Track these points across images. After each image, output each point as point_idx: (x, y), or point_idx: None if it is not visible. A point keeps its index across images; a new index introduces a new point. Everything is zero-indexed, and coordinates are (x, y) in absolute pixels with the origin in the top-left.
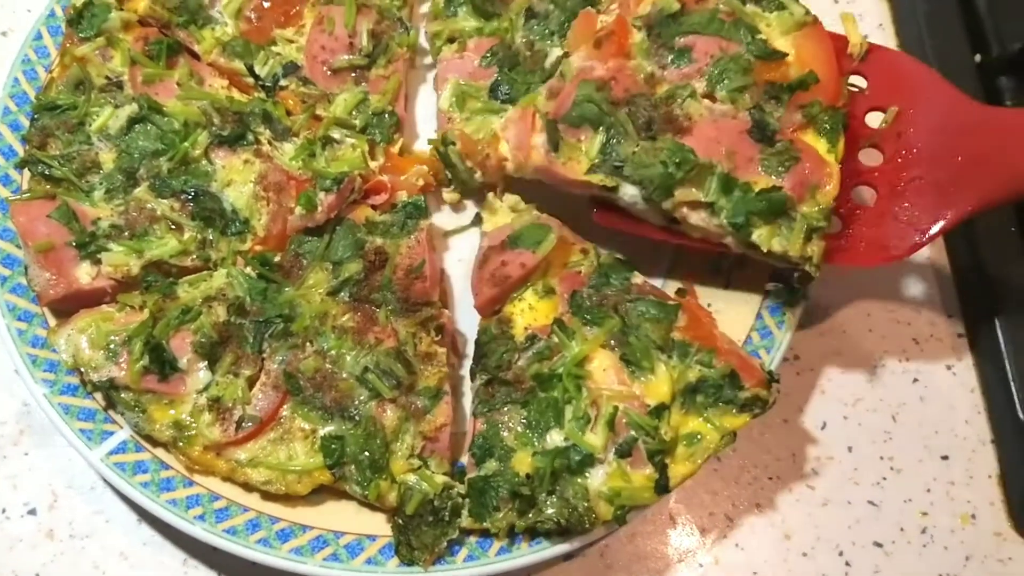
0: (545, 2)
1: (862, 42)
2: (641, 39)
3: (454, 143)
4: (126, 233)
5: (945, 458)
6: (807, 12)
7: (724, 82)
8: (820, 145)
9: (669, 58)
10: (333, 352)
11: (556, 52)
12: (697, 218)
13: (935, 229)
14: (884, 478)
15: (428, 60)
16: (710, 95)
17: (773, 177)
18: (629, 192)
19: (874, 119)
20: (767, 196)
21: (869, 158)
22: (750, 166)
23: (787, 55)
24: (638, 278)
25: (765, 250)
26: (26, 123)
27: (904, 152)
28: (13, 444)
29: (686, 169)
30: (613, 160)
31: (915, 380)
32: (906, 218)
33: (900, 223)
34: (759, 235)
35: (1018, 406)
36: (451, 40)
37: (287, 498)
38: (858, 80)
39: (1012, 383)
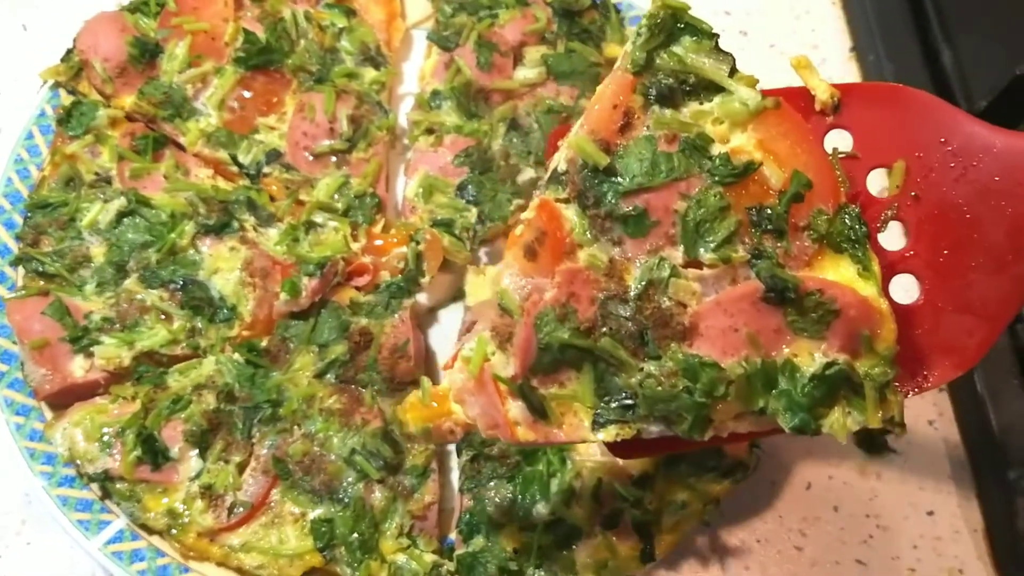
0: (530, 118)
1: (832, 92)
2: (577, 219)
3: (419, 242)
4: (117, 325)
5: (931, 514)
6: (761, 96)
7: (706, 240)
8: (846, 270)
9: (621, 230)
10: (320, 435)
11: (530, 172)
12: (748, 427)
13: (1007, 310)
14: (871, 536)
15: (408, 140)
16: (693, 262)
17: (812, 340)
18: (655, 431)
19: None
20: (822, 381)
21: (891, 237)
22: (779, 337)
23: (759, 164)
24: None
25: (843, 441)
26: (20, 221)
27: (931, 216)
28: (16, 534)
29: (719, 394)
30: (618, 399)
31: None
32: (965, 303)
33: (960, 313)
34: (831, 425)
35: (1002, 459)
36: (429, 131)
37: None
38: (839, 136)
39: (996, 436)
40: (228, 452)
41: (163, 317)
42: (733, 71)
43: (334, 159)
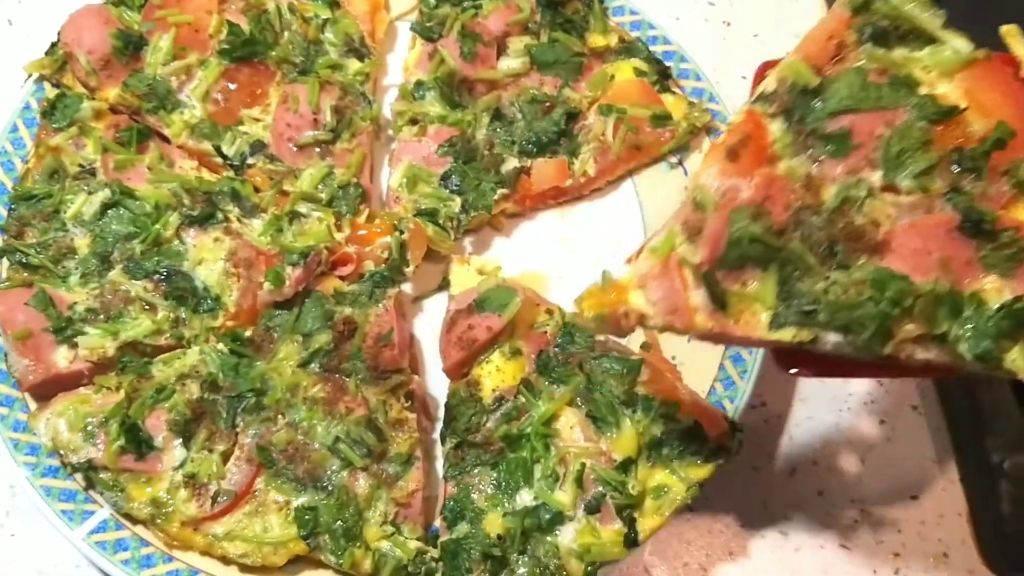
0: (514, 108)
1: None
2: (781, 132)
3: (403, 231)
4: (101, 316)
5: (915, 498)
6: (973, 47)
7: (906, 167)
8: None
9: (823, 148)
10: (304, 424)
11: (513, 162)
12: (925, 354)
13: None
14: (855, 521)
15: (392, 131)
16: (891, 186)
17: (1001, 278)
18: (832, 341)
19: None
20: (1010, 314)
21: None
22: (969, 269)
23: (963, 108)
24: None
25: (1022, 378)
26: (4, 213)
27: None
28: (0, 526)
29: (906, 305)
30: (800, 304)
31: (882, 422)
32: None
33: None
34: (1013, 360)
35: (985, 442)
36: (413, 122)
37: (264, 570)
38: None
39: (979, 419)
40: (212, 441)
41: (147, 308)
42: (945, 25)
43: (318, 150)
